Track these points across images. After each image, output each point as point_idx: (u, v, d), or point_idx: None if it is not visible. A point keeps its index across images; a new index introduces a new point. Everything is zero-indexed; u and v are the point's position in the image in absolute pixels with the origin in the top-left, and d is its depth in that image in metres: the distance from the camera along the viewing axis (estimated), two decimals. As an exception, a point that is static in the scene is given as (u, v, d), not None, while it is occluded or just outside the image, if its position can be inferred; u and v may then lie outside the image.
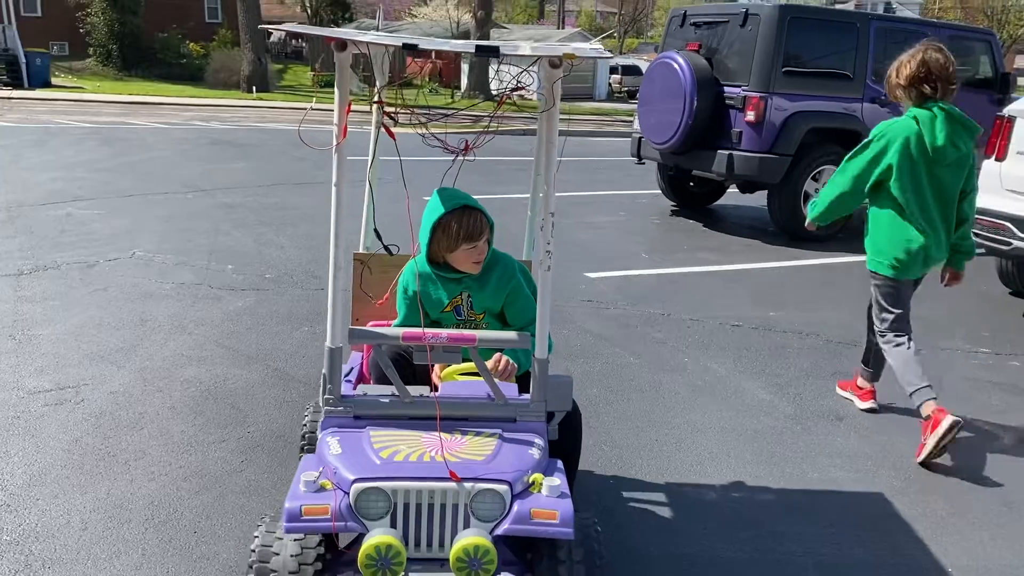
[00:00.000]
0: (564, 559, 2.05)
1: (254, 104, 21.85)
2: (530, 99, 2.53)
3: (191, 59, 29.95)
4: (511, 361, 2.45)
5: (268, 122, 17.48)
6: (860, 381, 4.05)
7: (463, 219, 2.47)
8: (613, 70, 34.18)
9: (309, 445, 2.78)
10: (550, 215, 2.20)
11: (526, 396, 2.31)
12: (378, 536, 1.96)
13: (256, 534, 2.08)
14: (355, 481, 2.02)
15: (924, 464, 3.40)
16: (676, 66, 7.56)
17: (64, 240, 6.30)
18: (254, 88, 24.49)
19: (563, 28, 39.74)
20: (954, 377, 4.46)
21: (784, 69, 7.26)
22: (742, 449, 3.49)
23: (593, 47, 2.36)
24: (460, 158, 2.53)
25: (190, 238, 6.55)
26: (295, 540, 2.03)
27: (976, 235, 5.57)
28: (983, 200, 5.54)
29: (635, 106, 9.02)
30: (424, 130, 2.52)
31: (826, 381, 4.29)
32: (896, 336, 3.68)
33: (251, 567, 2.04)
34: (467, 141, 2.54)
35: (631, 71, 34.06)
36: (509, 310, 2.62)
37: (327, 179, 2.20)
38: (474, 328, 2.54)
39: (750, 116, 7.29)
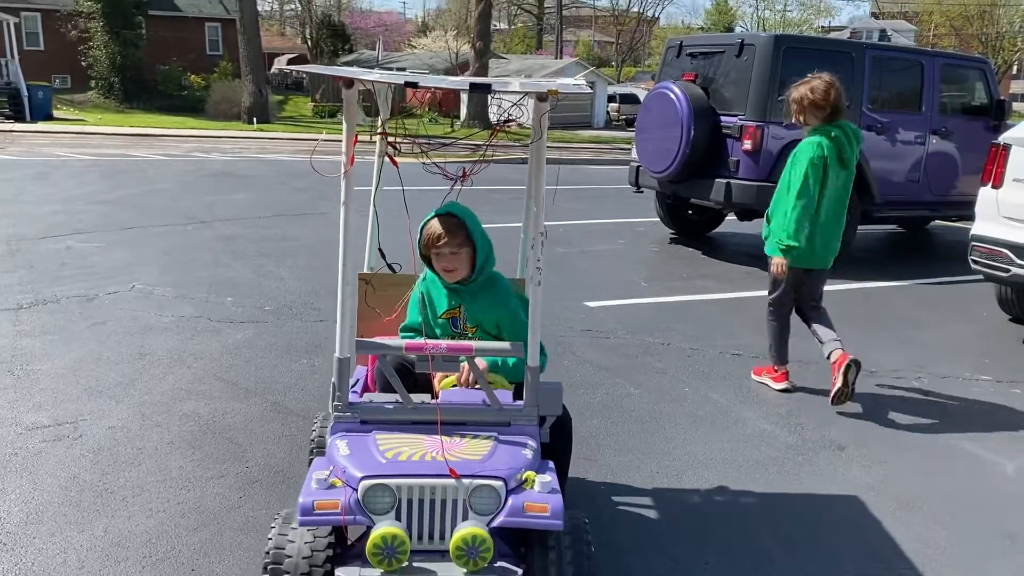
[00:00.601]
0: (554, 548, 2.21)
1: (255, 135, 22.02)
2: (527, 126, 2.56)
3: (192, 91, 30.24)
4: (473, 369, 2.56)
5: (269, 153, 17.60)
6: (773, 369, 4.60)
7: (441, 220, 2.69)
8: (611, 98, 34.50)
9: (318, 449, 2.94)
10: (540, 235, 2.39)
11: (519, 402, 2.49)
12: (385, 527, 2.13)
13: (272, 526, 2.25)
14: (363, 478, 2.20)
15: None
16: (673, 96, 7.63)
17: (64, 274, 6.31)
18: (255, 119, 24.70)
19: (561, 58, 40.14)
20: (955, 406, 4.44)
21: (780, 98, 7.30)
22: (743, 480, 3.47)
23: (576, 82, 2.55)
24: (458, 186, 2.72)
25: (190, 270, 6.57)
26: (308, 531, 2.20)
27: (975, 262, 5.62)
28: (981, 227, 5.59)
29: (633, 134, 9.07)
30: (425, 158, 2.68)
31: (827, 410, 4.28)
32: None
33: (267, 556, 2.19)
34: (464, 169, 2.74)
35: (629, 99, 34.36)
36: (506, 333, 2.78)
37: (327, 210, 2.41)
38: (467, 340, 2.71)
39: (747, 145, 7.34)
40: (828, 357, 4.29)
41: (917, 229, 10.22)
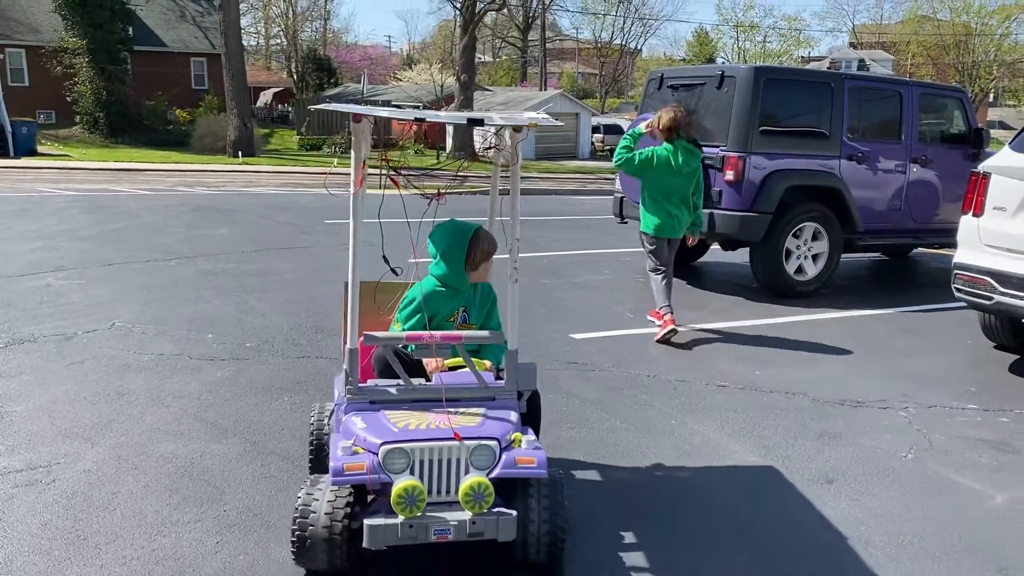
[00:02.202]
0: (534, 494, 2.78)
1: (239, 169, 22.02)
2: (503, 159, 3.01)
3: (178, 125, 30.24)
4: (442, 361, 3.17)
5: (253, 186, 17.58)
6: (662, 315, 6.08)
7: (487, 237, 3.32)
8: (595, 129, 34.77)
9: (318, 432, 3.43)
10: (516, 240, 2.99)
11: (501, 381, 3.08)
12: (406, 481, 2.62)
13: (299, 493, 2.73)
14: (382, 444, 2.71)
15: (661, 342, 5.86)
16: (655, 127, 7.67)
17: (42, 312, 6.22)
18: (239, 153, 24.69)
19: (545, 90, 40.52)
20: (943, 436, 4.42)
21: (761, 129, 7.38)
22: (730, 516, 3.42)
23: (543, 116, 3.05)
24: (436, 203, 3.25)
25: (170, 307, 6.49)
26: (332, 491, 2.71)
27: (958, 290, 5.63)
28: (963, 255, 5.61)
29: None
30: (407, 186, 3.15)
31: (814, 443, 4.24)
32: (654, 273, 6.25)
33: (296, 512, 2.69)
34: (439, 190, 3.29)
35: (613, 130, 34.63)
36: (488, 323, 3.41)
37: (311, 243, 2.84)
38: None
39: (729, 175, 7.38)
40: (659, 310, 6.12)
41: (899, 256, 10.29)
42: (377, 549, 2.67)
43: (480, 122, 2.82)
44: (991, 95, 54.39)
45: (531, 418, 3.28)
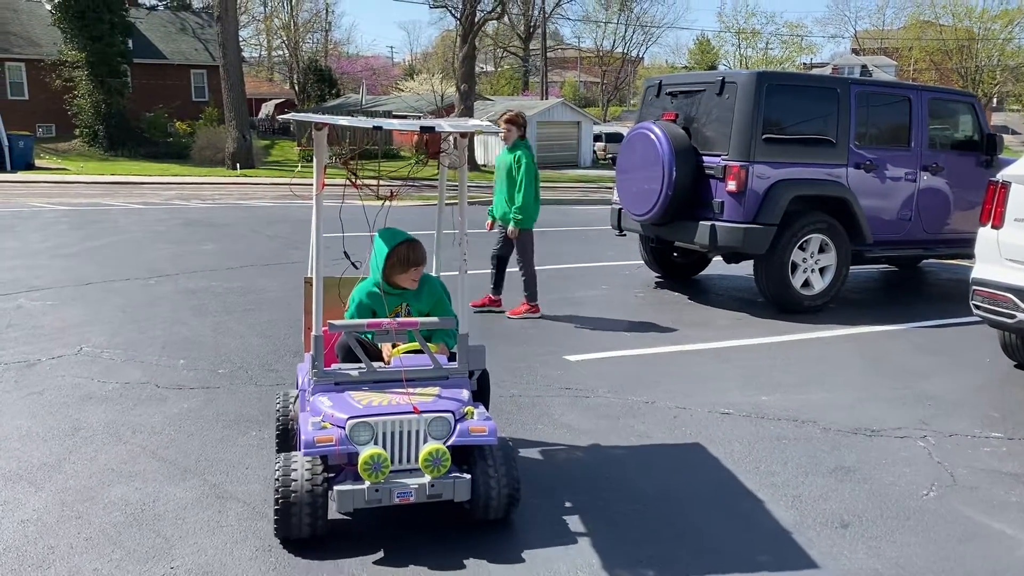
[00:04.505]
0: (490, 459, 3.16)
1: (237, 181, 21.77)
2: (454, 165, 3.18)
3: (178, 137, 30.06)
4: (420, 341, 3.42)
5: (249, 199, 17.31)
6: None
7: (412, 250, 3.57)
8: (597, 138, 34.47)
9: (284, 419, 3.73)
10: (465, 237, 3.43)
11: (454, 363, 3.43)
12: (371, 449, 2.97)
13: (276, 463, 3.04)
14: (348, 419, 3.04)
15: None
16: (653, 136, 7.35)
17: (8, 336, 5.90)
18: (238, 165, 24.46)
19: (547, 99, 40.27)
20: (966, 469, 4.05)
21: (764, 136, 7.04)
22: (737, 568, 3.06)
23: (486, 123, 3.42)
24: (387, 203, 3.61)
25: (145, 329, 6.17)
26: (308, 461, 3.02)
27: (976, 307, 5.29)
28: (982, 270, 5.26)
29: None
30: (362, 190, 3.45)
31: (826, 479, 3.88)
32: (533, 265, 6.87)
33: (277, 482, 2.97)
34: (392, 191, 3.60)
35: (614, 139, 34.34)
36: (435, 312, 3.67)
37: (298, 259, 2.90)
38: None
39: (731, 186, 7.04)
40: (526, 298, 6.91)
41: (908, 267, 9.92)
42: (346, 512, 3.12)
43: (431, 129, 3.23)
44: (994, 100, 53.99)
45: (481, 394, 3.63)
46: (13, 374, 5.08)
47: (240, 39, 29.49)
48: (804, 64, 58.44)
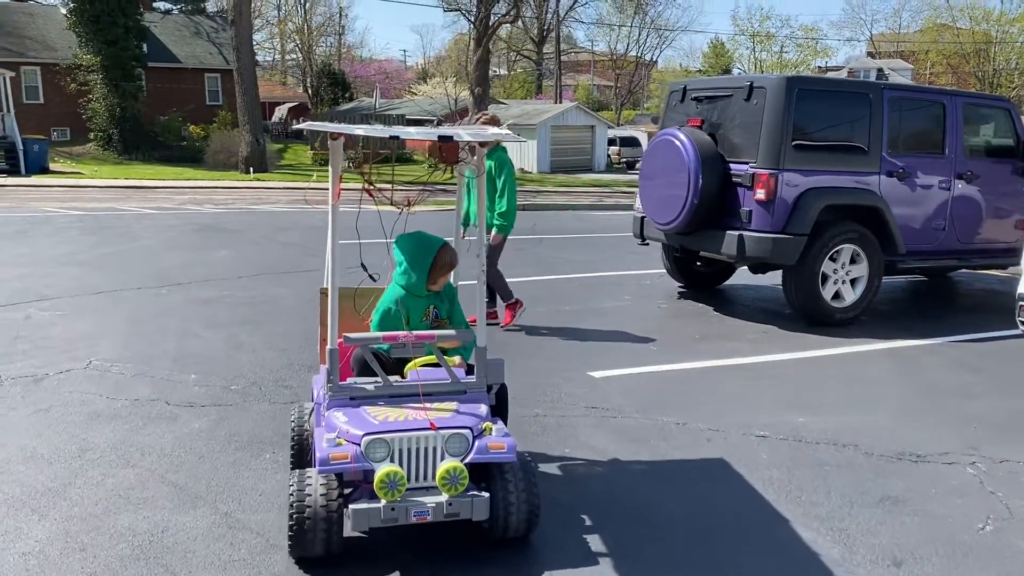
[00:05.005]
0: (510, 477, 3.05)
1: (251, 185, 21.65)
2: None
3: (192, 141, 30.03)
4: (437, 354, 3.34)
5: (262, 203, 17.17)
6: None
7: (451, 252, 3.57)
8: (611, 142, 34.21)
9: (298, 430, 3.64)
10: (484, 245, 3.45)
11: (472, 376, 3.32)
12: (388, 467, 2.87)
13: (291, 482, 2.96)
14: (364, 435, 2.94)
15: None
16: (678, 143, 7.12)
17: (16, 348, 5.74)
18: (251, 169, 24.37)
19: (560, 102, 40.06)
20: (1022, 500, 3.80)
21: (794, 143, 6.80)
22: (786, 615, 2.84)
23: (507, 132, 3.30)
24: (406, 210, 3.44)
25: (155, 342, 6.00)
26: (323, 479, 2.93)
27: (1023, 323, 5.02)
28: (1029, 286, 5.00)
29: (634, 176, 8.53)
30: (379, 198, 3.26)
31: (874, 511, 3.65)
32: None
33: (292, 497, 2.89)
34: (409, 199, 3.47)
35: (629, 142, 34.12)
36: (453, 319, 3.68)
37: (315, 266, 2.71)
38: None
39: (760, 194, 6.80)
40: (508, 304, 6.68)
41: (939, 277, 9.63)
42: (361, 531, 3.02)
43: (449, 138, 3.07)
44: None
45: (499, 409, 3.55)
46: (20, 389, 4.91)
47: (254, 43, 29.45)
48: (819, 68, 57.97)
